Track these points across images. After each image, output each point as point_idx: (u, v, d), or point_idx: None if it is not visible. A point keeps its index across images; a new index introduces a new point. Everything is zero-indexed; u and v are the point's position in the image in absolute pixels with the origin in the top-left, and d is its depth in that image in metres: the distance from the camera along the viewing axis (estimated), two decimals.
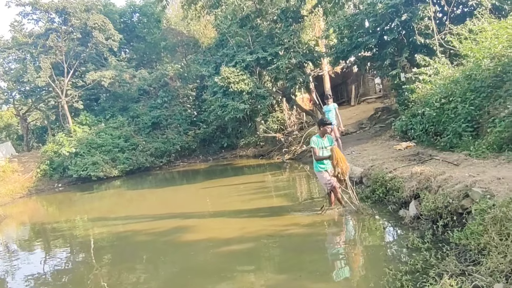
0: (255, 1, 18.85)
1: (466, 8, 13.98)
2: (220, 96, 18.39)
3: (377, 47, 16.04)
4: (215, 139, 31.26)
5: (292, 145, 23.71)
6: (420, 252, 5.21)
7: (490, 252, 4.20)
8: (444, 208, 5.79)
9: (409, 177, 7.49)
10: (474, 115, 8.89)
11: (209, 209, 12.34)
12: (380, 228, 7.21)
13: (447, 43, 12.38)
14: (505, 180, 5.36)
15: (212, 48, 24.66)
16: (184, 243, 8.46)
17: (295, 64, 19.14)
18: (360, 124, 21.03)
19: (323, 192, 12.14)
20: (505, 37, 9.48)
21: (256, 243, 7.55)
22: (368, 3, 15.08)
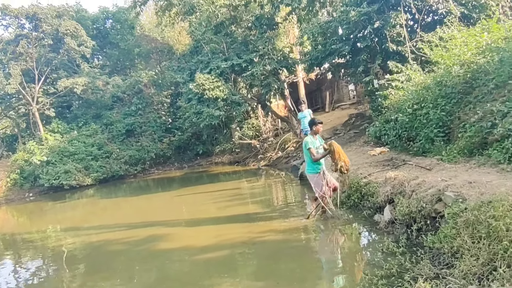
0: (229, 8, 18.86)
1: (436, 16, 14.30)
2: (195, 103, 18.29)
3: (351, 54, 16.24)
4: (190, 146, 31.09)
5: (268, 151, 23.78)
6: (395, 256, 5.26)
7: (463, 255, 4.26)
8: (418, 213, 5.86)
9: (383, 182, 7.57)
10: (445, 121, 9.06)
11: (185, 217, 12.22)
12: (355, 233, 7.25)
13: (418, 50, 12.62)
14: (476, 184, 5.47)
15: (186, 55, 24.56)
16: (159, 251, 8.34)
17: (270, 71, 19.21)
18: (334, 130, 21.20)
19: (301, 197, 12.20)
20: (473, 44, 9.72)
21: (232, 250, 7.50)
22: (341, 11, 15.25)
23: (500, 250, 3.82)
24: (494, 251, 3.90)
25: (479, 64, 9.02)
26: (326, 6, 18.14)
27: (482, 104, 8.05)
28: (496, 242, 3.95)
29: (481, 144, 7.54)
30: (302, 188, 13.02)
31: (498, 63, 8.51)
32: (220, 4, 18.41)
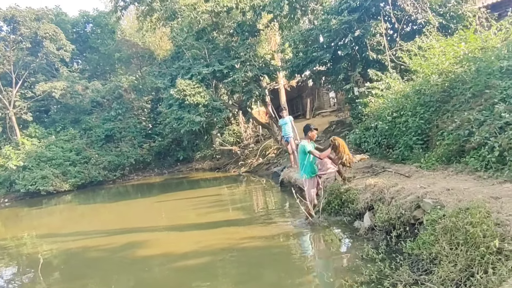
0: (211, 14, 18.85)
1: (415, 26, 14.51)
2: (176, 109, 18.19)
3: (332, 62, 16.37)
4: (170, 152, 30.91)
5: (249, 158, 23.78)
6: (375, 262, 5.29)
7: (441, 261, 4.31)
8: (397, 219, 5.92)
9: (363, 189, 7.63)
10: (424, 129, 9.18)
11: (164, 223, 12.12)
12: (335, 239, 7.28)
13: (398, 59, 12.79)
14: (454, 191, 5.55)
15: (167, 60, 24.43)
16: (139, 258, 8.24)
17: (251, 78, 19.24)
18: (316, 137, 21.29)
19: (281, 204, 12.21)
20: (451, 54, 9.89)
21: (213, 257, 7.46)
22: (322, 19, 15.38)
23: (477, 256, 3.87)
24: (471, 257, 3.95)
25: (456, 73, 9.18)
26: (307, 14, 18.29)
27: (459, 113, 8.19)
28: (474, 248, 4.01)
29: (459, 151, 7.66)
30: (282, 194, 13.05)
31: (475, 73, 8.68)
32: (202, 10, 18.39)
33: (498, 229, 3.95)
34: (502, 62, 8.21)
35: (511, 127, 6.35)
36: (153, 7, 23.68)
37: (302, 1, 17.27)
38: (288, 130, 13.86)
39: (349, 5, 14.31)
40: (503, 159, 6.32)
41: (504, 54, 8.70)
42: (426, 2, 13.66)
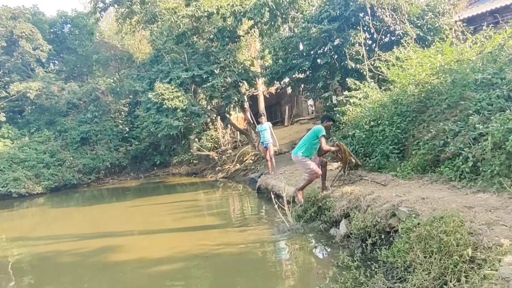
0: (192, 19, 18.78)
1: (394, 37, 14.76)
2: (154, 113, 18.03)
3: (311, 70, 16.49)
4: (147, 156, 30.60)
5: (226, 163, 23.71)
6: (350, 270, 5.31)
7: (415, 269, 4.34)
8: (373, 227, 5.96)
9: (340, 197, 7.67)
10: (401, 138, 9.29)
11: (139, 228, 11.95)
12: (311, 247, 7.29)
13: (376, 68, 12.95)
14: (428, 200, 5.61)
15: (146, 64, 24.23)
16: (112, 263, 8.10)
17: (231, 83, 19.23)
18: (293, 144, 21.35)
19: (257, 210, 12.18)
20: (428, 65, 10.06)
21: (188, 263, 7.38)
22: (302, 27, 15.50)
23: (451, 264, 3.91)
24: (445, 265, 3.99)
25: (433, 84, 9.33)
26: (287, 22, 18.40)
27: (435, 123, 8.32)
28: (447, 257, 4.05)
29: (434, 161, 7.77)
30: (259, 201, 13.03)
31: (451, 84, 8.84)
32: (182, 15, 18.31)
33: (471, 238, 4.00)
34: (477, 75, 8.38)
35: (484, 138, 6.46)
36: (133, 10, 23.51)
37: (283, 9, 17.37)
38: (267, 136, 13.73)
39: (329, 14, 14.47)
40: (477, 170, 6.43)
41: (479, 67, 8.88)
42: (404, 14, 13.91)
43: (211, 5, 17.88)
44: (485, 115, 7.15)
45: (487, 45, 9.95)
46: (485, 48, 9.95)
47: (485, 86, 8.13)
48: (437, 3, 14.71)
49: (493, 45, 9.68)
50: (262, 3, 16.47)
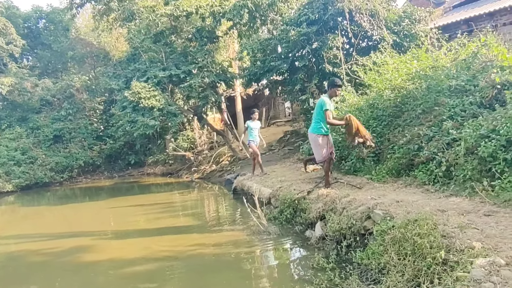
0: (170, 18, 18.67)
1: (371, 42, 14.94)
2: (130, 111, 17.82)
3: (289, 72, 16.56)
4: (122, 156, 30.21)
5: (202, 164, 23.62)
6: (325, 272, 5.33)
7: (390, 271, 4.39)
8: (348, 229, 6.00)
9: (315, 199, 7.71)
10: (376, 142, 9.40)
11: (112, 228, 11.78)
12: (287, 248, 7.31)
13: (353, 72, 13.09)
14: (403, 202, 5.69)
15: (123, 62, 23.93)
16: (84, 264, 7.95)
17: (208, 84, 19.18)
18: (269, 146, 21.43)
19: (233, 211, 12.14)
20: (404, 71, 10.22)
21: (161, 263, 7.30)
22: (281, 30, 15.57)
23: (424, 266, 3.97)
24: (418, 267, 4.04)
25: (408, 89, 9.49)
26: (266, 24, 18.45)
27: (410, 128, 8.46)
28: (421, 259, 4.10)
29: (408, 165, 7.90)
30: (235, 202, 13.00)
31: (426, 90, 9.01)
32: (161, 13, 18.18)
33: (444, 240, 4.06)
34: (451, 81, 8.58)
35: (457, 143, 6.60)
36: (110, 7, 23.21)
37: (262, 11, 17.40)
38: (256, 135, 12.76)
39: (308, 17, 14.57)
40: (450, 174, 6.56)
41: (453, 73, 9.09)
42: (382, 20, 14.12)
43: (190, 5, 17.81)
44: (459, 121, 7.31)
45: (461, 53, 10.19)
46: (459, 55, 10.19)
47: (458, 92, 8.32)
48: (413, 10, 15.00)
49: (467, 53, 9.92)
50: (241, 5, 16.48)
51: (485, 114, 6.92)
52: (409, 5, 16.47)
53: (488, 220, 4.56)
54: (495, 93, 7.49)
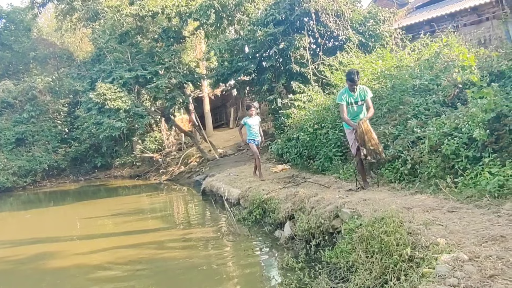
0: (136, 18, 18.40)
1: (337, 42, 15.12)
2: (95, 113, 17.47)
3: (256, 73, 16.58)
4: (87, 158, 29.59)
5: (170, 166, 23.39)
6: (294, 271, 5.35)
7: (358, 269, 4.42)
8: (317, 228, 6.03)
9: (284, 199, 7.72)
10: (343, 141, 9.51)
11: (79, 233, 11.51)
12: (256, 249, 7.30)
13: (320, 72, 13.21)
14: (370, 201, 5.76)
15: (88, 63, 23.44)
16: (49, 270, 7.73)
17: (175, 84, 19.00)
18: (238, 146, 21.42)
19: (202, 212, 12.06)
20: (369, 70, 10.39)
21: (130, 267, 7.17)
22: (248, 30, 15.57)
23: (391, 264, 4.01)
24: (385, 265, 4.09)
25: (374, 89, 9.62)
26: (233, 24, 18.44)
27: (376, 127, 8.56)
28: (388, 256, 4.15)
29: (375, 164, 8.01)
30: (204, 203, 12.91)
31: (391, 89, 9.18)
32: (126, 13, 17.89)
33: (410, 237, 4.12)
34: (415, 81, 8.75)
35: (422, 141, 6.73)
36: (73, 6, 22.74)
37: (229, 11, 17.38)
38: (255, 133, 11.02)
39: (275, 18, 14.63)
40: (415, 172, 6.69)
41: (416, 73, 9.27)
42: (347, 20, 14.31)
43: (156, 5, 17.60)
44: (423, 120, 7.46)
45: (424, 53, 10.41)
46: (422, 55, 10.41)
47: (422, 91, 8.49)
48: (378, 11, 15.27)
49: (429, 53, 10.14)
50: (208, 5, 16.42)
51: (447, 113, 7.08)
52: (374, 6, 16.77)
53: (451, 216, 4.66)
54: (457, 92, 7.68)
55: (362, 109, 7.15)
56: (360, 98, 7.06)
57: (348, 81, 7.01)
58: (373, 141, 6.66)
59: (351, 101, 7.05)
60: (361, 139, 6.73)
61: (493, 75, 7.11)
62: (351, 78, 6.86)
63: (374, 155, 6.71)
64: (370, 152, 6.66)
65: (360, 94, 7.06)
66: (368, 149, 6.64)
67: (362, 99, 7.06)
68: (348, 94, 7.05)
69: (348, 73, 7.05)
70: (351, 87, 6.95)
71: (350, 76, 6.92)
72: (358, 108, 7.12)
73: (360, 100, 7.05)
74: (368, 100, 7.07)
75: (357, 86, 6.99)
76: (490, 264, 3.27)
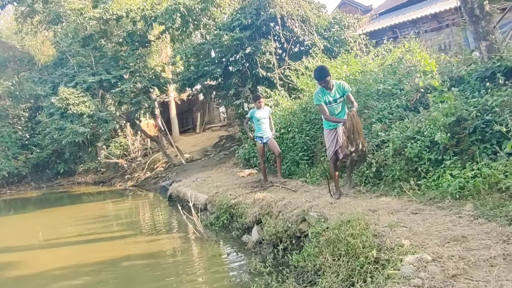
0: (99, 21, 18.05)
1: (303, 47, 15.28)
2: (58, 118, 17.02)
3: (223, 77, 16.56)
4: (50, 165, 28.80)
5: (136, 171, 23.04)
6: (262, 276, 5.34)
7: (325, 272, 4.45)
8: (284, 232, 6.06)
9: (252, 203, 7.71)
10: (310, 145, 9.60)
11: (41, 241, 11.15)
12: (223, 254, 7.25)
13: (286, 77, 13.31)
14: (336, 204, 5.83)
15: (49, 67, 22.83)
16: (10, 280, 7.46)
17: (141, 89, 18.76)
18: (205, 151, 21.32)
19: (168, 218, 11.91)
20: (335, 75, 10.50)
21: (94, 276, 7.00)
22: (214, 34, 15.54)
23: (357, 266, 4.06)
24: (352, 267, 4.13)
25: None
26: (199, 28, 18.36)
27: None
28: (354, 259, 4.20)
29: (341, 167, 8.09)
30: (170, 209, 12.76)
31: (356, 94, 9.28)
32: (89, 16, 17.53)
33: (376, 240, 4.19)
34: (379, 86, 8.93)
35: (386, 145, 6.85)
36: (34, 9, 22.06)
37: (195, 15, 17.29)
38: (265, 128, 9.30)
39: (241, 22, 14.65)
40: (380, 175, 6.80)
41: (380, 78, 9.47)
42: (312, 26, 14.48)
43: (120, 8, 17.33)
44: (387, 123, 7.61)
45: (387, 58, 10.64)
46: (386, 60, 10.63)
47: (386, 96, 8.67)
48: (342, 17, 15.54)
49: (393, 58, 10.37)
50: (173, 9, 16.28)
51: (410, 117, 7.25)
52: (339, 12, 17.04)
53: (415, 218, 4.76)
54: (419, 97, 7.88)
55: (343, 107, 6.56)
56: (339, 94, 6.40)
57: (317, 81, 6.51)
58: (361, 135, 6.13)
59: (329, 100, 6.39)
60: (350, 132, 6.02)
61: (453, 80, 7.31)
62: (317, 76, 6.37)
63: (360, 151, 6.16)
64: (357, 149, 6.06)
65: (338, 91, 6.40)
66: (357, 144, 6.02)
67: (341, 95, 6.42)
68: (323, 93, 6.40)
69: (314, 72, 6.54)
70: (323, 85, 6.32)
71: (315, 74, 6.45)
72: (338, 106, 6.47)
73: (339, 97, 6.40)
74: (349, 95, 6.47)
75: (331, 83, 6.34)
76: (453, 264, 3.36)
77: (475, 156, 5.45)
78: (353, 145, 6.02)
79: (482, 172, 5.08)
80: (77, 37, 18.88)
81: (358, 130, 6.01)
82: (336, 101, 6.42)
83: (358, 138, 5.99)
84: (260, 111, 9.24)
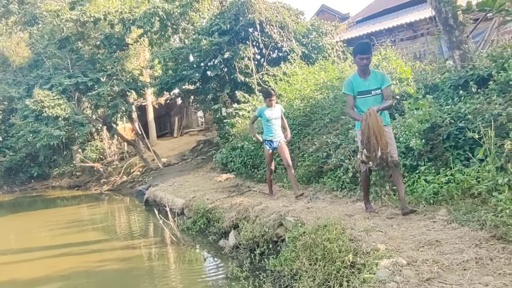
0: (76, 23, 17.83)
1: (281, 53, 15.37)
2: (32, 121, 16.71)
3: (201, 82, 16.52)
4: (23, 168, 28.18)
5: (112, 175, 22.75)
6: (239, 281, 5.34)
7: (301, 276, 4.47)
8: (261, 237, 6.07)
9: (229, 208, 7.71)
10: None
11: (13, 247, 10.92)
12: (200, 259, 7.22)
13: (264, 82, 13.37)
14: (313, 209, 5.86)
15: (24, 68, 22.44)
16: None
17: (118, 92, 18.56)
18: (182, 155, 21.19)
19: (145, 223, 11.79)
20: (312, 81, 10.63)
21: (67, 282, 6.88)
22: (193, 39, 15.51)
23: (334, 270, 4.09)
24: (328, 271, 4.16)
25: (317, 99, 9.87)
26: (178, 33, 18.29)
27: (319, 136, 8.79)
28: (330, 263, 4.23)
29: (318, 172, 8.18)
30: (147, 214, 12.64)
31: (333, 100, 9.43)
32: (66, 18, 17.30)
33: (352, 244, 4.23)
34: None
35: None
36: (9, 9, 21.76)
37: (174, 19, 17.23)
38: (276, 129, 7.82)
39: (220, 27, 14.68)
40: (356, 180, 6.88)
41: None
42: (291, 32, 14.61)
43: (98, 11, 17.17)
44: None
45: None
46: None
47: None
48: (320, 24, 15.71)
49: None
50: (152, 12, 16.21)
51: None
52: (317, 19, 17.24)
53: (391, 223, 4.83)
54: (394, 103, 8.00)
55: (380, 103, 5.12)
56: (376, 85, 5.15)
57: (356, 54, 5.16)
58: (382, 138, 4.85)
59: (361, 90, 5.17)
60: (364, 136, 4.93)
61: (428, 88, 7.46)
62: (358, 49, 5.14)
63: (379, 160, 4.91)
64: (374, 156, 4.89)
65: (375, 80, 5.16)
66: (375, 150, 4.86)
67: (379, 87, 5.15)
68: (355, 81, 5.21)
69: (356, 45, 5.30)
70: (364, 62, 5.09)
71: (357, 47, 5.22)
72: (371, 99, 5.15)
73: (375, 88, 5.15)
74: (386, 89, 5.17)
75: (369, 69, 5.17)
76: (427, 268, 3.42)
77: (449, 162, 5.56)
78: (370, 151, 4.92)
79: (456, 177, 5.18)
80: (53, 39, 18.61)
81: (376, 133, 4.81)
82: (370, 92, 5.15)
83: (376, 143, 4.83)
84: (271, 110, 7.67)
